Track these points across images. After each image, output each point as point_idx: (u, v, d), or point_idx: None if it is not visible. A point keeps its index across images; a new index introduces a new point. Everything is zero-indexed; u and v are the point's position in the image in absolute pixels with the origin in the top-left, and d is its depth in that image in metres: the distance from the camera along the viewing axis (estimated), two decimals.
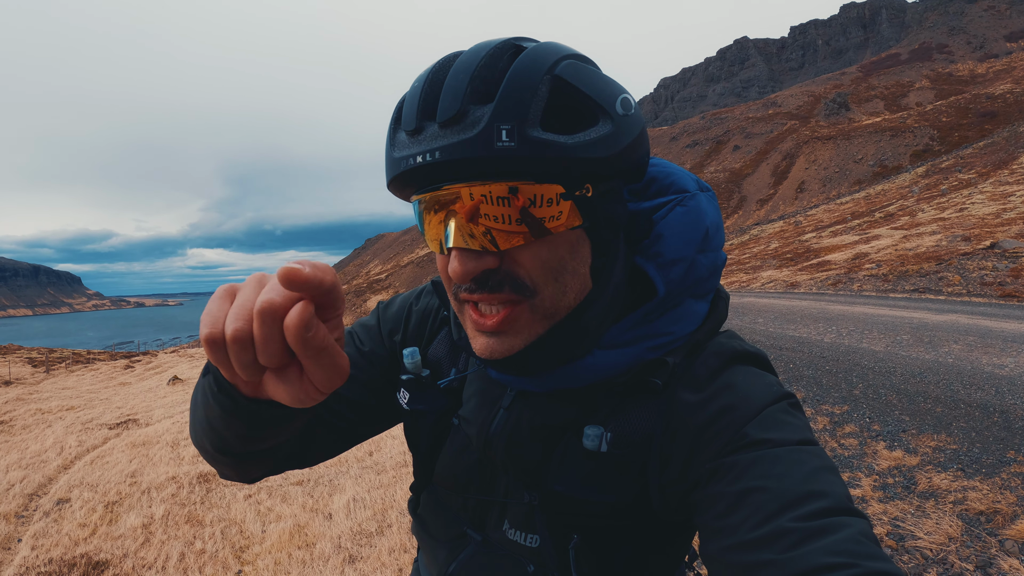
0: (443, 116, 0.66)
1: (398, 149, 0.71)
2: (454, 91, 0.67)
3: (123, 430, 9.58)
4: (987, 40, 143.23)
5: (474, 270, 0.70)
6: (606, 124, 0.69)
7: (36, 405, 13.57)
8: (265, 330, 0.51)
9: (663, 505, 0.79)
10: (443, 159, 0.66)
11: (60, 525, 5.16)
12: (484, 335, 0.75)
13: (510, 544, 0.88)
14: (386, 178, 0.76)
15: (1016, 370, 6.26)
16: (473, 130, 0.65)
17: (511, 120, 0.65)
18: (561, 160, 0.66)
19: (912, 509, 4.05)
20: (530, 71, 0.67)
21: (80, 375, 23.39)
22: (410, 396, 0.95)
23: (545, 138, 0.66)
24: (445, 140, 0.66)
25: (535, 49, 0.70)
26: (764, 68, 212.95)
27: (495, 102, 0.65)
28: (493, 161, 0.65)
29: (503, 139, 0.64)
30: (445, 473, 0.94)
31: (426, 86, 0.70)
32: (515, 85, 0.66)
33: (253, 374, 0.55)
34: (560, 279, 0.73)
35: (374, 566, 4.00)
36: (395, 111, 0.75)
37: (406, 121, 0.70)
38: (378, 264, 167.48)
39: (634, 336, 0.78)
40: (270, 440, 0.74)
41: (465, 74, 0.67)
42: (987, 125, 70.45)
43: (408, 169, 0.69)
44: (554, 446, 0.83)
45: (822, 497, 0.63)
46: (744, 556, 0.62)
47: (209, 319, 0.54)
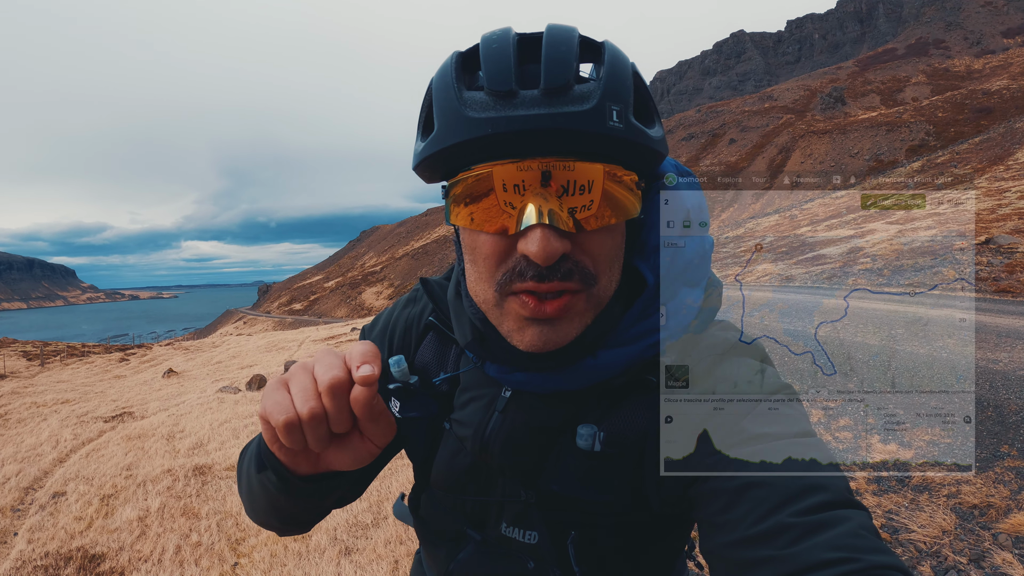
0: (551, 83, 0.64)
1: (477, 109, 0.66)
2: (562, 61, 0.65)
3: (118, 423, 9.56)
4: (984, 36, 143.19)
5: (559, 250, 0.67)
6: (659, 126, 0.72)
7: (31, 398, 13.53)
8: (336, 403, 0.58)
9: (661, 501, 0.79)
10: (552, 127, 0.63)
11: (56, 519, 5.15)
12: (537, 324, 0.72)
13: (509, 542, 0.88)
14: (442, 143, 0.68)
15: (1010, 365, 6.29)
16: (585, 104, 0.64)
17: (619, 102, 0.65)
18: (648, 150, 0.68)
19: (906, 502, 4.07)
20: (624, 62, 0.69)
21: (75, 368, 23.32)
22: (401, 404, 0.94)
23: (640, 127, 0.67)
24: (553, 108, 0.63)
25: (612, 46, 0.71)
26: (760, 62, 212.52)
27: (603, 83, 0.65)
28: (603, 139, 0.65)
29: (614, 119, 0.64)
30: (441, 476, 0.94)
31: (515, 45, 0.68)
32: (617, 71, 0.67)
33: (325, 447, 0.61)
34: (613, 268, 0.74)
35: (370, 558, 4.01)
36: (453, 68, 0.70)
37: (495, 80, 0.65)
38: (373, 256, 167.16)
39: (635, 334, 0.78)
40: (333, 498, 0.82)
41: (569, 48, 0.66)
42: (983, 121, 70.50)
43: (498, 133, 0.64)
44: (550, 447, 0.83)
45: (822, 491, 0.63)
46: (745, 552, 0.62)
47: (279, 407, 0.60)
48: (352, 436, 0.61)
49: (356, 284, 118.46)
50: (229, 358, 21.52)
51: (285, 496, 0.74)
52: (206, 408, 9.52)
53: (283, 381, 0.62)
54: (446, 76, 0.69)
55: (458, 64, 0.70)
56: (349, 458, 0.62)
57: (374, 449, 0.63)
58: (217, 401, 10.04)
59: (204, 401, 10.28)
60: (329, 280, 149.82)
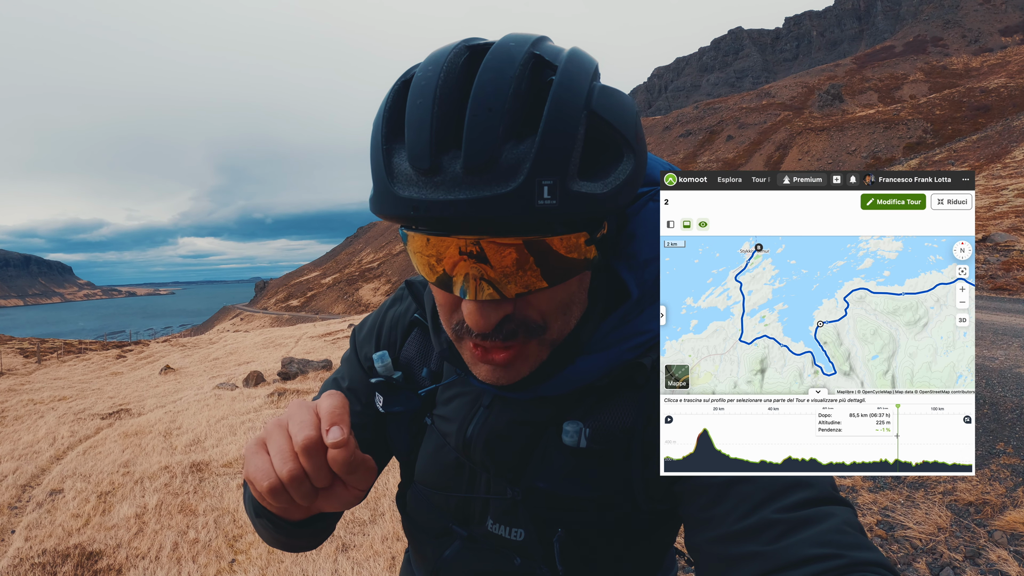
0: (473, 160, 0.57)
1: (403, 187, 0.61)
2: (485, 129, 0.57)
3: (115, 420, 9.55)
4: (982, 34, 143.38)
5: (495, 319, 0.66)
6: (629, 160, 0.65)
7: (28, 395, 13.49)
8: (314, 462, 0.58)
9: (647, 497, 0.79)
10: (471, 214, 0.58)
11: (53, 516, 5.14)
12: (488, 365, 0.73)
13: (495, 539, 0.88)
14: (377, 207, 0.66)
15: (1006, 362, 6.31)
16: (510, 183, 0.57)
17: (554, 174, 0.58)
18: (596, 211, 0.62)
19: (902, 499, 4.09)
20: (570, 108, 0.60)
21: (72, 365, 23.28)
22: (384, 399, 0.94)
23: (584, 191, 0.60)
24: (474, 191, 0.57)
25: (566, 73, 0.62)
26: (758, 58, 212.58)
27: (536, 150, 0.57)
28: (531, 219, 0.59)
29: (545, 196, 0.58)
30: (425, 472, 0.94)
31: (437, 108, 0.60)
32: (556, 128, 0.58)
33: (312, 500, 0.61)
34: (568, 311, 0.72)
35: (367, 554, 4.01)
36: (384, 125, 0.64)
37: (415, 156, 0.59)
38: (370, 252, 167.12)
39: (615, 338, 0.77)
40: (334, 524, 0.94)
41: (497, 106, 0.58)
42: (980, 119, 70.64)
43: (420, 216, 0.60)
44: (534, 443, 0.83)
45: (807, 487, 0.63)
46: (730, 548, 0.62)
47: (260, 473, 0.59)
48: (336, 485, 0.61)
49: (353, 280, 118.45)
50: (226, 355, 21.51)
51: (285, 536, 0.82)
52: (203, 405, 9.51)
53: (261, 442, 0.62)
54: (376, 142, 0.65)
55: (387, 125, 0.64)
56: (338, 503, 0.62)
57: (359, 494, 0.63)
58: (214, 398, 10.03)
59: (201, 398, 10.27)
60: (326, 276, 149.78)
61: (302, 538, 0.85)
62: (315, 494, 0.60)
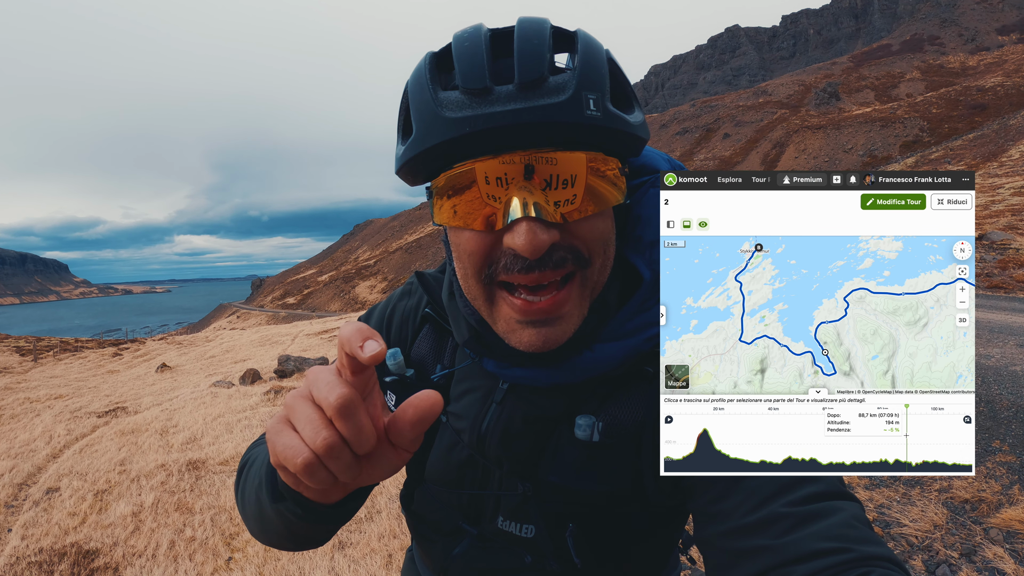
0: (525, 77, 0.63)
1: (453, 109, 0.65)
2: (534, 55, 0.65)
3: (112, 418, 9.52)
4: (979, 33, 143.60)
5: (547, 242, 0.66)
6: (638, 111, 0.73)
7: (24, 394, 13.45)
8: (353, 423, 0.50)
9: (657, 491, 0.79)
10: (529, 121, 0.63)
11: (50, 514, 5.13)
12: (532, 326, 0.72)
13: (505, 536, 0.88)
14: (420, 142, 0.67)
15: (1002, 360, 6.33)
16: (560, 95, 0.63)
17: (595, 91, 0.65)
18: (627, 136, 0.68)
19: (898, 497, 4.10)
20: (598, 49, 0.69)
21: (68, 363, 23.22)
22: (396, 398, 0.93)
23: (618, 113, 0.67)
24: (529, 102, 0.63)
25: (584, 33, 0.71)
26: (755, 57, 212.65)
27: (578, 72, 0.65)
28: (581, 129, 0.64)
29: (591, 108, 0.64)
30: (436, 471, 0.93)
31: (490, 45, 0.67)
32: (591, 59, 0.67)
33: (355, 473, 0.53)
34: (607, 251, 0.74)
35: (364, 552, 4.01)
36: (427, 70, 0.69)
37: (469, 78, 0.65)
38: (367, 250, 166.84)
39: (633, 327, 0.78)
40: (351, 514, 0.74)
41: (541, 40, 0.66)
42: (977, 117, 70.77)
43: (476, 131, 0.64)
44: (547, 437, 0.83)
45: (815, 481, 0.64)
46: (739, 541, 0.63)
47: (291, 451, 0.51)
48: (380, 448, 0.54)
49: (350, 278, 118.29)
50: (222, 352, 21.47)
51: (308, 524, 0.69)
52: (199, 403, 9.49)
53: (283, 419, 0.54)
54: (421, 78, 0.69)
55: (432, 65, 0.70)
56: (381, 472, 0.56)
57: (406, 456, 0.56)
58: (211, 396, 10.01)
59: (197, 396, 10.24)
60: (323, 274, 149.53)
61: (332, 522, 0.72)
62: (358, 465, 0.53)
